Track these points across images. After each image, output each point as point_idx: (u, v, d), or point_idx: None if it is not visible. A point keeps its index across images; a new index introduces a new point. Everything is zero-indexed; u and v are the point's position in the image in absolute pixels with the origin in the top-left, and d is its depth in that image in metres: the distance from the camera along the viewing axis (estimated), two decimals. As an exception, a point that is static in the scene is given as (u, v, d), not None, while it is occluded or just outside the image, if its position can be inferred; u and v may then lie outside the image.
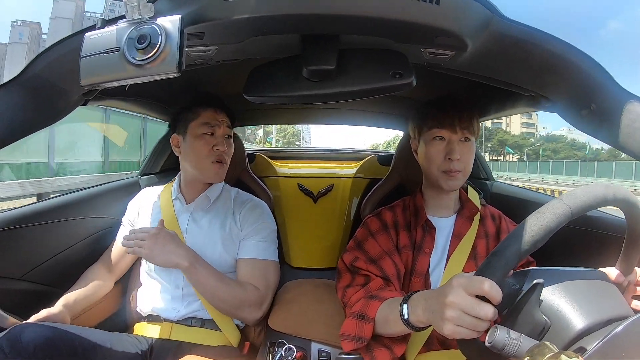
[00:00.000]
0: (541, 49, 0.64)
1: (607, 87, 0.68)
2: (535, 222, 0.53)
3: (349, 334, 0.81)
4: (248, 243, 1.09)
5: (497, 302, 0.52)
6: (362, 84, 0.65)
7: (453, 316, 0.55)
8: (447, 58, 0.68)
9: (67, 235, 1.10)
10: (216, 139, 1.07)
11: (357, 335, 0.80)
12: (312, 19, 0.56)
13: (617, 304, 0.56)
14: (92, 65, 0.50)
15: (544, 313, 0.53)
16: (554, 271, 0.57)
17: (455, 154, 0.91)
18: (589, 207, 0.54)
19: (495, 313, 0.52)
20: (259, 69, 0.69)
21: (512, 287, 0.55)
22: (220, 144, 1.06)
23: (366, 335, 0.79)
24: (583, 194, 0.54)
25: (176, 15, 0.49)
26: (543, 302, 0.53)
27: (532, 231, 0.52)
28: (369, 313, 0.79)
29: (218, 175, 1.09)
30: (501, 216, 1.03)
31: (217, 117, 1.08)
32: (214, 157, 1.06)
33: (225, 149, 1.07)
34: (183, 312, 1.04)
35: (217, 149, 1.06)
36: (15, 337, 0.78)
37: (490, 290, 0.52)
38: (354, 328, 0.80)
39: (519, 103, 1.00)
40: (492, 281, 0.52)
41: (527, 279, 0.55)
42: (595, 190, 0.55)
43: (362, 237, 0.98)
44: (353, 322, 0.81)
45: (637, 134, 0.66)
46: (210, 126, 1.07)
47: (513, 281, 0.56)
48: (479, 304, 0.53)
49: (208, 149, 1.06)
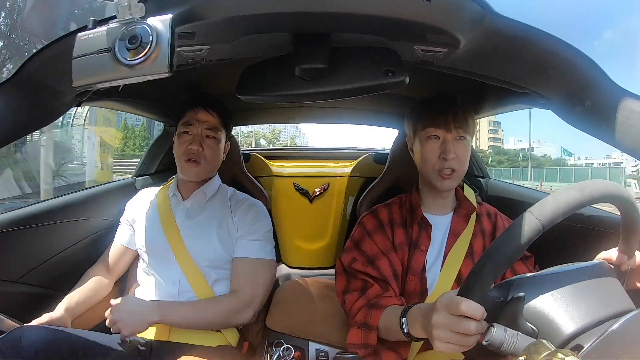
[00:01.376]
0: (534, 45, 0.64)
1: (601, 83, 0.68)
2: (506, 241, 0.54)
3: (356, 342, 0.84)
4: (243, 242, 1.09)
5: (479, 319, 0.54)
6: (355, 82, 0.65)
7: (440, 335, 0.58)
8: (440, 55, 0.68)
9: (63, 237, 1.10)
10: (191, 138, 1.08)
11: (364, 343, 0.83)
12: (303, 17, 0.56)
13: (612, 300, 0.56)
14: (84, 66, 0.50)
15: (532, 321, 0.54)
16: (539, 277, 0.58)
17: (450, 153, 0.91)
18: (561, 215, 0.53)
19: (477, 327, 0.54)
20: (251, 69, 0.69)
21: (496, 300, 0.56)
22: (194, 143, 1.07)
23: (372, 343, 0.82)
24: (553, 203, 0.54)
25: (167, 15, 0.48)
26: (529, 310, 0.54)
27: (505, 249, 0.54)
28: (372, 322, 0.83)
29: (191, 174, 1.10)
30: (497, 213, 1.03)
31: (196, 117, 1.10)
32: (185, 156, 1.08)
33: (197, 147, 1.08)
34: None
35: (189, 147, 1.08)
36: (15, 340, 0.77)
37: (468, 310, 0.54)
38: (360, 337, 0.84)
39: (514, 100, 1.00)
40: (469, 301, 0.54)
41: (512, 289, 0.56)
42: (566, 196, 0.54)
43: (359, 236, 0.98)
44: (358, 331, 0.85)
45: (632, 130, 0.66)
46: (187, 125, 1.09)
47: (497, 294, 0.56)
48: (460, 322, 0.55)
49: (183, 148, 1.08)
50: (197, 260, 1.07)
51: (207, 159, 1.10)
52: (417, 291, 0.92)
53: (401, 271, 0.94)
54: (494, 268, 0.53)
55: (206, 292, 1.05)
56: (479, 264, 0.55)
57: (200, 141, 1.08)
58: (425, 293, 0.92)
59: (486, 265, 0.54)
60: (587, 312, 0.52)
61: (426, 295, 0.92)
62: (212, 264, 1.07)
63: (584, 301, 0.54)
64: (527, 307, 0.54)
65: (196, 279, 1.05)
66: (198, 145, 1.08)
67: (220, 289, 1.07)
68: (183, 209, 1.13)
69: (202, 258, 1.07)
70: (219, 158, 1.15)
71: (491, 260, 0.54)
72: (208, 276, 1.07)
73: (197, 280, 1.06)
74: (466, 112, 0.95)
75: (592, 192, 0.54)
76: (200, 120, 1.09)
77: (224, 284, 1.08)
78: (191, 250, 1.07)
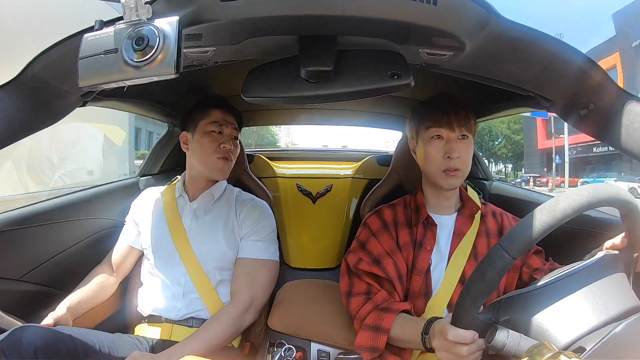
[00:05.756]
0: (539, 49, 0.64)
1: (606, 87, 0.68)
2: (478, 275, 0.58)
3: (364, 345, 0.85)
4: (247, 243, 1.10)
5: (469, 343, 0.61)
6: (360, 84, 0.65)
7: (441, 356, 0.68)
8: (445, 58, 0.68)
9: (66, 236, 1.10)
10: (223, 137, 1.12)
11: (372, 346, 0.84)
12: (309, 20, 0.56)
13: (614, 300, 0.56)
14: (90, 66, 0.50)
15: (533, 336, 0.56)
16: (527, 294, 0.60)
17: (454, 152, 0.91)
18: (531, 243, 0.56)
19: (470, 349, 0.62)
20: (256, 70, 0.69)
21: (487, 322, 0.60)
22: (227, 142, 1.11)
23: (380, 346, 0.84)
24: (518, 232, 0.56)
25: (174, 17, 0.48)
26: (529, 325, 0.57)
27: (479, 283, 0.58)
28: (384, 325, 0.84)
29: (222, 172, 1.13)
30: (503, 213, 1.03)
31: (226, 118, 1.14)
32: (220, 153, 1.11)
33: (231, 147, 1.12)
34: (184, 311, 1.05)
35: (223, 146, 1.11)
36: (15, 339, 0.77)
37: (456, 339, 0.62)
38: (369, 339, 0.85)
39: (518, 103, 1.00)
40: (456, 329, 0.62)
41: (501, 309, 0.60)
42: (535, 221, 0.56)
43: (365, 237, 0.99)
44: (368, 333, 0.86)
45: (636, 134, 0.66)
46: (218, 124, 1.12)
47: (487, 316, 0.61)
48: (454, 347, 0.63)
49: (215, 146, 1.10)
50: (203, 261, 1.07)
51: (234, 158, 1.15)
52: (421, 291, 0.92)
53: (406, 271, 0.94)
54: (472, 299, 0.59)
55: (210, 294, 1.06)
56: (460, 297, 0.61)
57: (230, 141, 1.13)
58: (429, 293, 0.93)
59: (465, 298, 0.60)
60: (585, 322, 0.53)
61: (430, 295, 0.92)
62: (218, 265, 1.07)
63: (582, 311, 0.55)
64: (524, 323, 0.57)
65: (201, 280, 1.06)
66: (231, 145, 1.12)
67: (223, 290, 1.07)
68: (190, 209, 1.14)
69: (208, 259, 1.07)
70: None
71: (468, 294, 0.59)
72: (213, 277, 1.07)
73: (202, 281, 1.06)
74: (468, 111, 0.95)
75: (565, 208, 0.55)
76: (229, 122, 1.14)
77: (228, 285, 1.08)
78: (197, 252, 1.07)
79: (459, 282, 0.91)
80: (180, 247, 1.08)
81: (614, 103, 0.68)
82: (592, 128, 0.74)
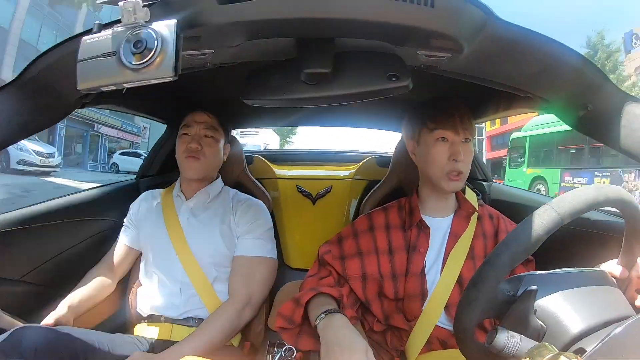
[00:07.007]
0: (537, 50, 0.64)
1: (604, 88, 0.68)
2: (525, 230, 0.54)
3: (285, 314, 0.85)
4: (243, 241, 1.11)
5: None
6: (359, 86, 0.65)
7: None
8: (444, 60, 0.68)
9: (65, 237, 1.11)
10: (190, 138, 1.14)
11: (289, 317, 0.84)
12: (307, 22, 0.56)
13: (615, 305, 0.56)
14: (88, 69, 0.50)
15: (540, 318, 0.54)
16: (549, 275, 0.58)
17: (460, 155, 0.91)
18: (579, 212, 0.54)
19: None
20: (256, 73, 0.69)
21: (507, 294, 0.56)
22: (193, 141, 1.13)
23: (296, 319, 0.83)
24: (572, 198, 0.54)
25: (172, 20, 0.48)
26: (539, 307, 0.54)
27: (523, 239, 0.54)
28: (302, 300, 0.84)
29: (192, 170, 1.13)
30: (499, 216, 1.03)
31: (195, 119, 1.16)
32: (185, 153, 1.13)
33: (196, 145, 1.13)
34: (182, 308, 1.05)
35: (188, 146, 1.12)
36: (16, 339, 0.78)
37: None
38: (289, 310, 0.85)
39: (517, 104, 1.00)
40: None
41: (522, 284, 0.56)
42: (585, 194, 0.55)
43: (345, 234, 1.01)
44: (290, 304, 0.86)
45: (635, 135, 0.66)
46: (187, 127, 1.16)
47: (507, 287, 0.56)
48: None
49: (183, 147, 1.13)
50: (199, 257, 1.08)
51: (206, 155, 1.14)
52: (417, 293, 0.92)
53: (390, 273, 0.95)
54: (510, 257, 0.54)
55: (207, 290, 1.07)
56: (494, 253, 0.55)
57: (198, 140, 1.13)
58: (425, 294, 0.93)
59: (502, 254, 0.54)
60: (594, 313, 0.52)
61: (426, 297, 0.92)
62: (214, 261, 1.09)
63: (591, 302, 0.54)
64: (536, 304, 0.54)
65: (197, 276, 1.07)
66: (197, 144, 1.13)
67: (220, 288, 1.08)
68: (187, 208, 1.16)
69: (204, 255, 1.08)
70: (218, 157, 1.19)
71: (507, 250, 0.54)
72: (209, 273, 1.08)
73: (198, 277, 1.07)
74: (469, 114, 0.96)
75: (608, 193, 0.54)
76: (198, 121, 1.15)
77: (224, 282, 1.09)
78: (194, 248, 1.08)
79: (456, 283, 0.91)
80: (176, 244, 1.09)
81: (613, 104, 0.68)
82: (590, 129, 0.75)
